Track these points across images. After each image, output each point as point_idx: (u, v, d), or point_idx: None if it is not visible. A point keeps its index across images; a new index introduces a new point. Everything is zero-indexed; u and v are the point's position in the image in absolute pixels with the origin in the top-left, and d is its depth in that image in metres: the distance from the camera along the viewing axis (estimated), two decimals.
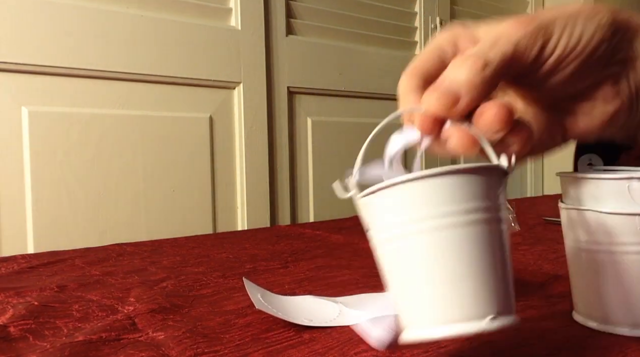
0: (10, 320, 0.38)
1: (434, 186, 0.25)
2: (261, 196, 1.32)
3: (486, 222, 0.26)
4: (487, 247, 0.25)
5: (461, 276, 0.25)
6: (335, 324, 0.36)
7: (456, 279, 0.25)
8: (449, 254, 0.25)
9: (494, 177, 0.27)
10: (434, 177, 0.25)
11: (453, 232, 0.25)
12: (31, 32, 1.00)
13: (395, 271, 0.27)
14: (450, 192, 0.25)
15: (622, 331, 0.32)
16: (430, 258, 0.25)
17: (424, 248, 0.26)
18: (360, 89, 1.52)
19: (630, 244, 0.30)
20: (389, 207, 0.27)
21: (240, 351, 0.32)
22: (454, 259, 0.25)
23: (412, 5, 1.67)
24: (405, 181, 0.26)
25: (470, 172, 0.26)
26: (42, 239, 1.03)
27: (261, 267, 0.57)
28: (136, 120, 1.14)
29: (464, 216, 0.25)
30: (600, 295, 0.32)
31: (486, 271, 0.25)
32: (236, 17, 1.27)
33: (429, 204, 0.25)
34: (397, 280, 0.27)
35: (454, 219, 0.25)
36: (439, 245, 0.25)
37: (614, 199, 0.30)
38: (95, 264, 0.59)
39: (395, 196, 0.26)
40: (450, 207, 0.25)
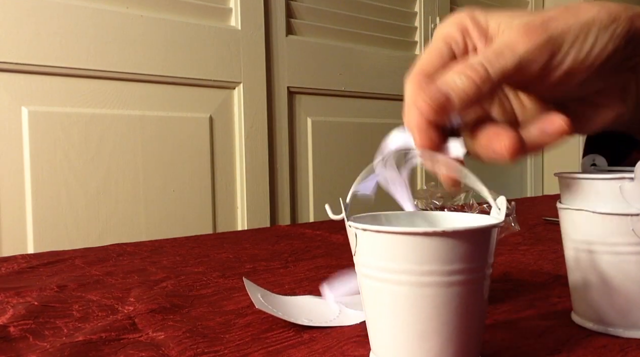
0: (10, 320, 0.38)
1: (417, 243, 0.25)
2: (261, 196, 1.32)
3: (464, 284, 0.26)
4: (458, 308, 0.26)
5: (428, 332, 0.26)
6: (335, 324, 0.36)
7: (424, 334, 0.26)
8: (420, 310, 0.26)
9: (484, 237, 0.26)
10: (421, 236, 0.25)
11: (426, 291, 0.25)
12: (31, 32, 1.00)
13: (367, 301, 0.28)
14: (433, 253, 0.25)
15: (617, 332, 0.32)
16: (403, 310, 0.26)
17: (394, 298, 0.26)
18: (360, 89, 1.52)
19: (623, 245, 0.30)
20: (371, 248, 0.27)
21: (240, 351, 0.32)
22: (423, 315, 0.26)
23: (412, 5, 1.67)
24: (391, 233, 0.26)
25: (459, 236, 0.25)
26: (42, 239, 1.03)
27: (261, 267, 0.57)
28: (136, 120, 1.14)
29: (442, 277, 0.25)
30: (595, 295, 0.32)
31: (453, 330, 0.26)
32: (236, 17, 1.27)
33: (409, 260, 0.25)
34: (368, 310, 0.28)
35: (431, 278, 0.25)
36: (409, 300, 0.26)
37: (608, 199, 0.30)
38: (95, 264, 0.59)
39: (377, 242, 0.26)
40: (430, 267, 0.25)
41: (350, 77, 1.50)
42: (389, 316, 0.26)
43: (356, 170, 0.33)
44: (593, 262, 0.32)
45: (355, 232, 0.27)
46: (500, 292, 0.44)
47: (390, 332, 0.27)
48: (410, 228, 0.25)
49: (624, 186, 0.30)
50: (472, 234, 0.25)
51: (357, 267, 0.28)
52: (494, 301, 0.41)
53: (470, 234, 0.25)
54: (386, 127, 0.32)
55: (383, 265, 0.26)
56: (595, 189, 0.31)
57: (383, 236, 0.26)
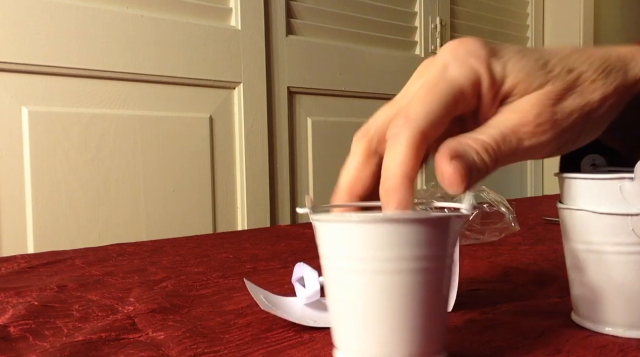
0: (10, 320, 0.38)
1: (374, 231, 0.25)
2: (261, 196, 1.32)
3: (422, 272, 0.26)
4: (416, 295, 0.26)
5: (386, 318, 0.26)
6: None
7: (382, 321, 0.26)
8: (377, 296, 0.26)
9: (442, 228, 0.26)
10: (377, 223, 0.25)
11: (385, 278, 0.26)
12: (31, 32, 1.00)
13: (329, 293, 0.29)
14: (391, 239, 0.25)
15: (617, 332, 0.32)
16: (361, 297, 0.26)
17: (355, 286, 0.27)
18: (360, 89, 1.52)
19: (623, 244, 0.30)
20: (331, 239, 0.27)
21: (240, 351, 0.32)
22: (381, 302, 0.26)
23: (412, 5, 1.67)
24: (350, 221, 0.26)
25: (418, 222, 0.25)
26: (42, 239, 1.03)
27: (261, 267, 0.57)
28: (136, 120, 1.14)
29: (400, 264, 0.26)
30: (595, 296, 0.32)
31: (412, 318, 0.26)
32: (236, 17, 1.27)
33: (365, 247, 0.26)
34: (329, 301, 0.29)
35: (389, 265, 0.26)
36: (369, 287, 0.26)
37: (607, 199, 0.30)
38: (95, 264, 0.59)
39: (337, 232, 0.27)
40: (387, 253, 0.25)
41: (350, 77, 1.50)
42: (348, 304, 0.27)
43: None
44: (593, 262, 0.32)
45: (315, 224, 0.28)
46: (500, 292, 0.44)
47: (351, 322, 0.27)
48: (359, 216, 0.26)
49: (624, 185, 0.30)
50: (426, 222, 0.26)
51: (321, 258, 0.29)
52: (494, 301, 0.41)
53: (425, 223, 0.26)
54: None
55: (340, 254, 0.27)
56: (595, 189, 0.31)
57: (336, 226, 0.27)
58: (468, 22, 1.86)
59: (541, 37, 2.18)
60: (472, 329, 0.34)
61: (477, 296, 0.43)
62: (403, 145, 0.27)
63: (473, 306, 0.39)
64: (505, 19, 2.02)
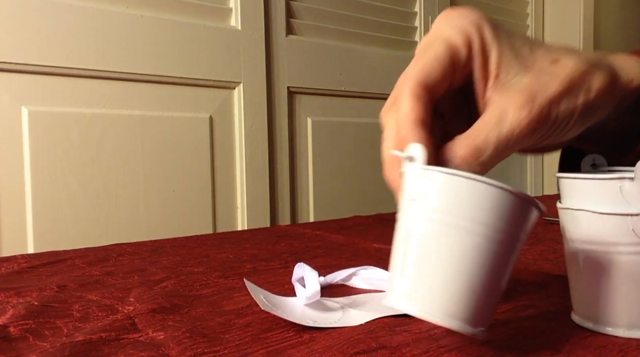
0: (10, 320, 0.38)
1: (492, 195, 0.27)
2: (261, 196, 1.32)
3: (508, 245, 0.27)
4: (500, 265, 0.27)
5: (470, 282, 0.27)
6: (339, 324, 0.36)
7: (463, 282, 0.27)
8: (469, 258, 0.27)
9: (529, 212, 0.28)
10: (499, 190, 0.27)
11: (481, 241, 0.27)
12: (31, 32, 1.00)
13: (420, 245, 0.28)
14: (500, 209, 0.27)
15: (617, 332, 0.32)
16: (454, 254, 0.27)
17: (452, 242, 0.27)
18: (360, 89, 1.52)
19: (623, 245, 0.30)
20: (444, 192, 0.27)
21: (240, 351, 0.32)
22: (471, 264, 0.27)
23: (412, 5, 1.67)
24: (478, 180, 0.27)
25: (528, 201, 0.28)
26: (42, 239, 1.03)
27: (261, 267, 0.57)
28: (136, 120, 1.14)
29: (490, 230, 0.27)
30: (595, 296, 0.32)
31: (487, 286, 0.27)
32: (236, 17, 1.27)
33: (474, 207, 0.27)
34: (412, 253, 0.28)
35: (483, 229, 0.27)
36: (465, 247, 0.27)
37: (607, 199, 0.30)
38: (95, 264, 0.59)
39: (454, 187, 0.27)
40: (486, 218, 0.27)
41: (350, 77, 1.50)
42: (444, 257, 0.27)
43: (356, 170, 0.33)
44: (593, 262, 0.32)
45: (431, 175, 0.28)
46: None
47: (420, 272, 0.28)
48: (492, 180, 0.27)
49: (624, 185, 0.30)
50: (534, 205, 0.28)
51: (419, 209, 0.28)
52: None
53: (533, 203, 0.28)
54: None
55: (453, 210, 0.27)
56: (595, 189, 0.31)
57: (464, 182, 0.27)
58: None
59: (541, 37, 2.18)
60: None
61: None
62: (405, 98, 0.29)
63: None
64: (505, 19, 2.02)
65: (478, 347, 0.31)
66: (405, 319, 0.37)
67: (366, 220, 0.91)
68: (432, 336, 0.33)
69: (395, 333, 0.34)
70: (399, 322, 0.36)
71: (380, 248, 0.64)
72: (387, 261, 0.59)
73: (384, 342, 0.32)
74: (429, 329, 0.34)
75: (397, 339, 0.32)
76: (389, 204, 0.34)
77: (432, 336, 0.33)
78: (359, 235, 0.74)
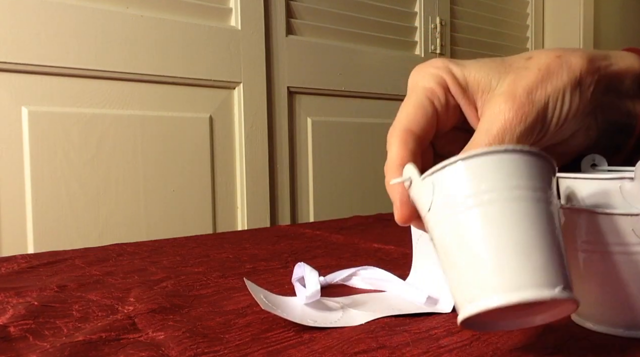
0: (10, 320, 0.38)
1: (509, 160, 0.26)
2: (261, 196, 1.32)
3: (546, 202, 0.27)
4: (554, 223, 0.27)
5: (534, 245, 0.25)
6: (340, 324, 0.36)
7: (529, 248, 0.25)
8: (523, 223, 0.26)
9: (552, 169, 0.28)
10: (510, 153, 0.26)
11: (526, 205, 0.26)
12: (31, 32, 1.00)
13: (462, 244, 0.26)
14: (523, 169, 0.26)
15: (617, 332, 0.32)
16: (504, 226, 0.26)
17: (497, 217, 0.26)
18: (360, 89, 1.52)
19: (623, 245, 0.30)
20: (460, 180, 0.27)
21: (240, 351, 0.32)
22: (526, 228, 0.26)
23: (412, 5, 1.67)
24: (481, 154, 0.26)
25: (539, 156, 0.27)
26: (42, 239, 1.03)
27: (261, 267, 0.57)
28: (136, 120, 1.14)
29: (533, 192, 0.26)
30: (596, 296, 0.32)
31: (555, 245, 0.26)
32: (236, 17, 1.27)
33: (503, 176, 0.26)
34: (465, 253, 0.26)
35: (524, 193, 0.26)
36: (512, 214, 0.26)
37: (608, 199, 0.30)
38: (95, 264, 0.59)
39: (470, 168, 0.27)
40: (521, 182, 0.26)
41: (350, 77, 1.50)
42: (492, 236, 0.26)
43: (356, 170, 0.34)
44: (593, 263, 0.32)
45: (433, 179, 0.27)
46: None
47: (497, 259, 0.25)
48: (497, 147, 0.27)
49: (624, 185, 0.30)
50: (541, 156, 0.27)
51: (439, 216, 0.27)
52: None
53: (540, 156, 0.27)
54: (386, 127, 0.32)
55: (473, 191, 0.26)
56: (595, 189, 0.31)
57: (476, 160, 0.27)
58: (468, 22, 1.86)
59: (541, 37, 2.18)
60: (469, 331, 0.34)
61: None
62: (392, 145, 0.31)
63: None
64: (505, 19, 2.02)
65: (478, 347, 0.31)
66: (406, 319, 0.37)
67: (366, 220, 0.91)
68: (432, 336, 0.33)
69: (395, 333, 0.34)
70: (399, 322, 0.36)
71: (380, 248, 0.64)
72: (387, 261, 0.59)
73: (384, 342, 0.32)
74: (428, 329, 0.34)
75: (397, 339, 0.32)
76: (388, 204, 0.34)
77: (432, 336, 0.33)
78: (359, 235, 0.74)
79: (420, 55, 1.67)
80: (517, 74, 0.31)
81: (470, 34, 1.87)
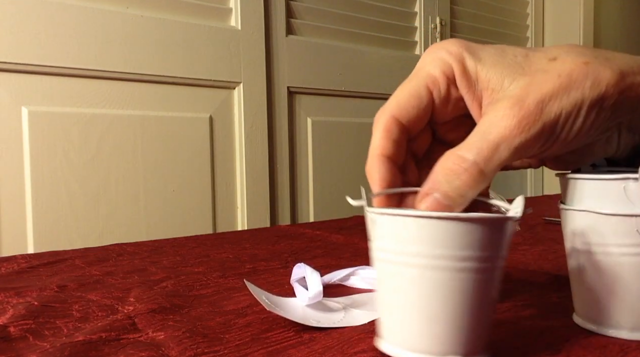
0: (10, 320, 0.38)
1: (432, 227, 0.26)
2: (261, 196, 1.32)
3: (475, 272, 0.27)
4: (468, 294, 0.27)
5: (437, 315, 0.27)
6: (342, 324, 0.36)
7: (432, 317, 0.27)
8: (431, 293, 0.27)
9: (497, 228, 0.27)
10: (437, 220, 0.26)
11: (440, 275, 0.26)
12: (31, 32, 1.00)
13: (381, 285, 0.29)
14: (446, 238, 0.26)
15: (621, 334, 0.32)
16: (414, 292, 0.27)
17: (410, 281, 0.27)
18: (360, 89, 1.52)
19: (627, 246, 0.30)
20: (390, 233, 0.28)
21: (240, 351, 0.32)
22: (433, 299, 0.26)
23: (412, 5, 1.67)
24: (407, 216, 0.27)
25: (472, 222, 0.26)
26: (42, 239, 1.03)
27: (261, 267, 0.57)
28: (136, 120, 1.14)
29: (454, 263, 0.26)
30: (598, 297, 0.32)
31: (462, 316, 0.27)
32: (236, 17, 1.27)
33: (422, 243, 0.26)
34: (381, 294, 0.29)
35: (443, 263, 0.26)
36: (423, 283, 0.27)
37: (611, 200, 0.30)
38: (95, 264, 0.59)
39: (396, 226, 0.27)
40: (443, 252, 0.26)
41: (350, 77, 1.50)
42: (400, 298, 0.27)
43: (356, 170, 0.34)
44: (596, 264, 0.32)
45: (373, 217, 0.28)
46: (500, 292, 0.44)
47: (401, 316, 0.28)
48: (425, 212, 0.26)
49: (628, 186, 0.30)
50: (485, 222, 0.26)
51: (374, 252, 0.29)
52: None
53: (483, 223, 0.26)
54: None
55: (398, 249, 0.27)
56: (598, 189, 0.31)
57: (399, 219, 0.27)
58: (468, 22, 1.86)
59: (541, 37, 2.18)
60: None
61: None
62: (376, 131, 0.31)
63: None
64: (505, 19, 2.02)
65: None
66: None
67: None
68: None
69: None
70: None
71: None
72: None
73: None
74: None
75: None
76: None
77: None
78: (359, 235, 0.74)
79: (420, 55, 1.67)
80: (533, 78, 0.28)
81: (470, 34, 1.87)
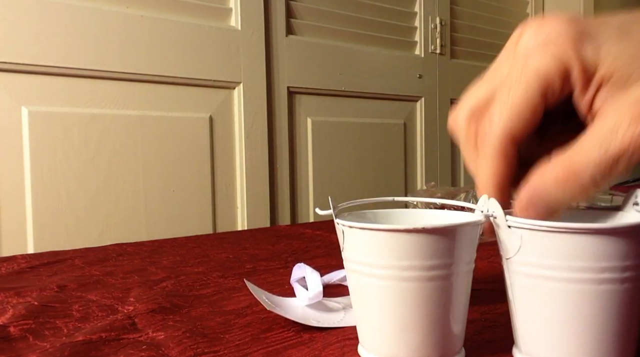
0: (10, 320, 0.38)
1: (399, 240, 0.26)
2: (261, 196, 1.32)
3: (444, 278, 0.27)
4: (439, 301, 0.27)
5: (411, 324, 0.27)
6: (342, 324, 0.36)
7: (406, 326, 0.27)
8: (402, 302, 0.27)
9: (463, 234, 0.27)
10: (401, 233, 0.26)
11: (411, 285, 0.27)
12: (31, 32, 1.00)
13: (354, 295, 0.30)
14: (414, 249, 0.26)
15: None
16: (386, 303, 0.27)
17: (378, 292, 0.27)
18: (360, 89, 1.52)
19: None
20: (357, 244, 0.28)
21: (240, 351, 0.32)
22: (406, 308, 0.27)
23: (412, 5, 1.67)
24: (374, 230, 0.27)
25: (437, 232, 0.26)
26: (42, 239, 1.03)
27: (261, 267, 0.57)
28: (136, 120, 1.14)
29: (423, 272, 0.27)
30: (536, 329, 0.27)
31: (435, 323, 0.27)
32: (236, 17, 1.27)
33: (391, 256, 0.27)
34: (355, 304, 0.30)
35: (412, 273, 0.27)
36: (394, 294, 0.27)
37: None
38: (95, 264, 0.59)
39: (362, 238, 0.28)
40: (411, 262, 0.26)
41: (350, 77, 1.50)
42: (373, 309, 0.28)
43: (356, 170, 0.33)
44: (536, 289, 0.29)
45: (342, 229, 0.29)
46: (499, 292, 0.44)
47: (375, 325, 0.28)
48: (391, 225, 0.27)
49: None
50: (450, 231, 0.26)
51: (345, 262, 0.30)
52: (494, 301, 0.41)
53: (448, 231, 0.26)
54: (386, 127, 0.32)
55: (367, 260, 0.28)
56: None
57: (367, 233, 0.27)
58: (468, 22, 1.86)
59: None
60: (472, 329, 0.34)
61: (477, 296, 0.43)
62: (489, 154, 0.27)
63: (473, 306, 0.39)
64: (505, 19, 2.02)
65: (478, 347, 0.31)
66: None
67: None
68: None
69: None
70: None
71: None
72: None
73: None
74: None
75: None
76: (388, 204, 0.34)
77: None
78: None
79: (420, 55, 1.67)
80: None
81: (470, 34, 1.87)
